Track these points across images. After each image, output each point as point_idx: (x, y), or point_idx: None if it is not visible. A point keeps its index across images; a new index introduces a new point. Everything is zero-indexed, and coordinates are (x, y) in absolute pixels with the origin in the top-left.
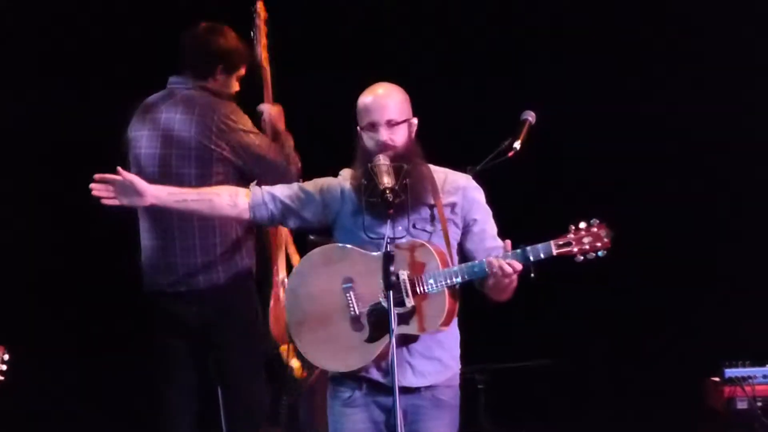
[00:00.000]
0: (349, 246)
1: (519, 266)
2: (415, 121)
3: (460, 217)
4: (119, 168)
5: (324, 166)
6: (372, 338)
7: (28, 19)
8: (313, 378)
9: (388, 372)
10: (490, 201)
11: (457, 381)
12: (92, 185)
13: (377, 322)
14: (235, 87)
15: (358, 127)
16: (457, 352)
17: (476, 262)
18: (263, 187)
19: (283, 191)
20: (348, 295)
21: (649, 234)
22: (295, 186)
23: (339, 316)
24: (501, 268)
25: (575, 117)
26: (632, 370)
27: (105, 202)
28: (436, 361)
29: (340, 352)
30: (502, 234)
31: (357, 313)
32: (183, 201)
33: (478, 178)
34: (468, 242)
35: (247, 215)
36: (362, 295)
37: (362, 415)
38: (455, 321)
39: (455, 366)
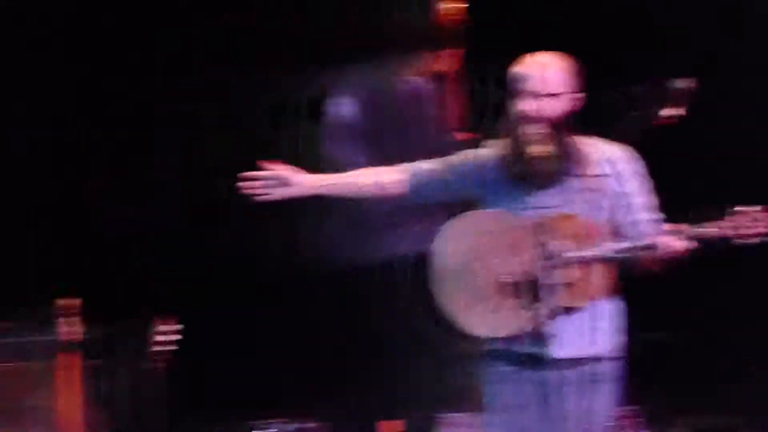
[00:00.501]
0: (497, 213)
1: (679, 244)
2: (570, 96)
3: (609, 189)
4: (264, 162)
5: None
6: (521, 308)
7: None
8: None
9: (538, 344)
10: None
11: (612, 355)
12: (242, 184)
13: (527, 293)
14: (438, 65)
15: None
16: (612, 325)
17: (630, 238)
18: (406, 164)
19: (428, 165)
20: (496, 263)
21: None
22: (439, 160)
23: (488, 284)
24: (661, 244)
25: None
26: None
27: (258, 198)
28: (588, 334)
29: (489, 320)
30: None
31: (506, 282)
32: (331, 185)
33: None
34: (616, 214)
35: (393, 191)
36: (511, 264)
37: (513, 391)
38: (613, 294)
39: (607, 340)
